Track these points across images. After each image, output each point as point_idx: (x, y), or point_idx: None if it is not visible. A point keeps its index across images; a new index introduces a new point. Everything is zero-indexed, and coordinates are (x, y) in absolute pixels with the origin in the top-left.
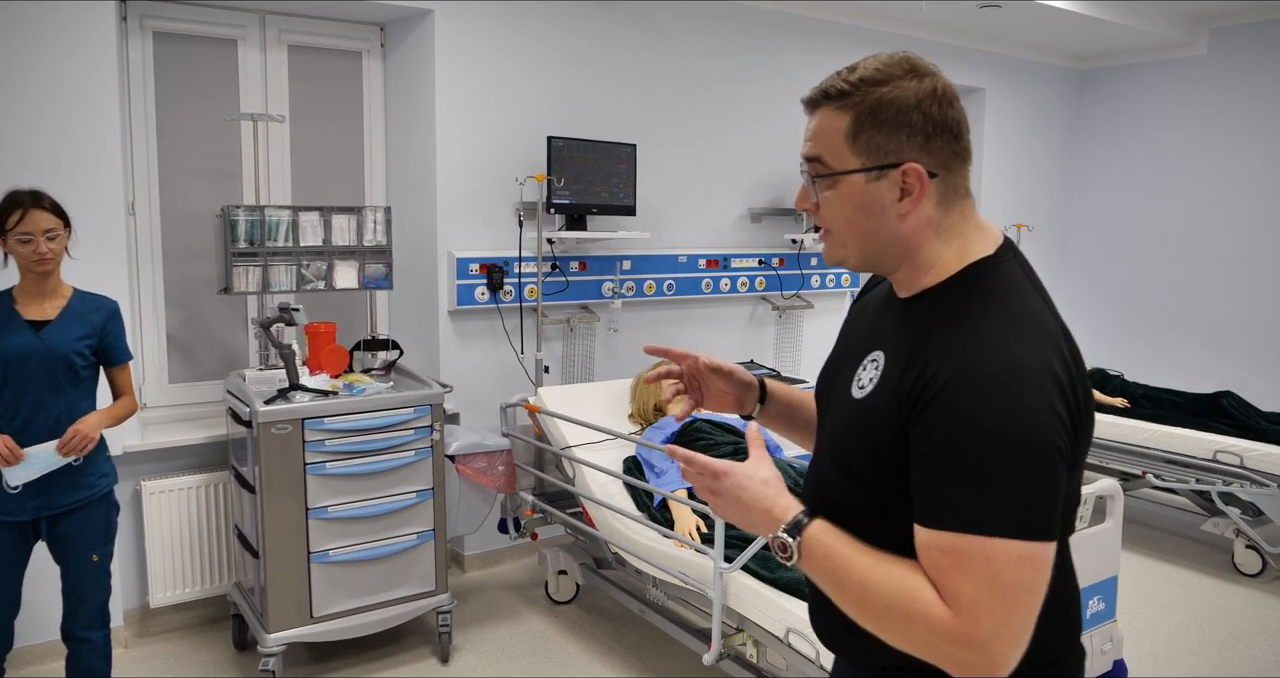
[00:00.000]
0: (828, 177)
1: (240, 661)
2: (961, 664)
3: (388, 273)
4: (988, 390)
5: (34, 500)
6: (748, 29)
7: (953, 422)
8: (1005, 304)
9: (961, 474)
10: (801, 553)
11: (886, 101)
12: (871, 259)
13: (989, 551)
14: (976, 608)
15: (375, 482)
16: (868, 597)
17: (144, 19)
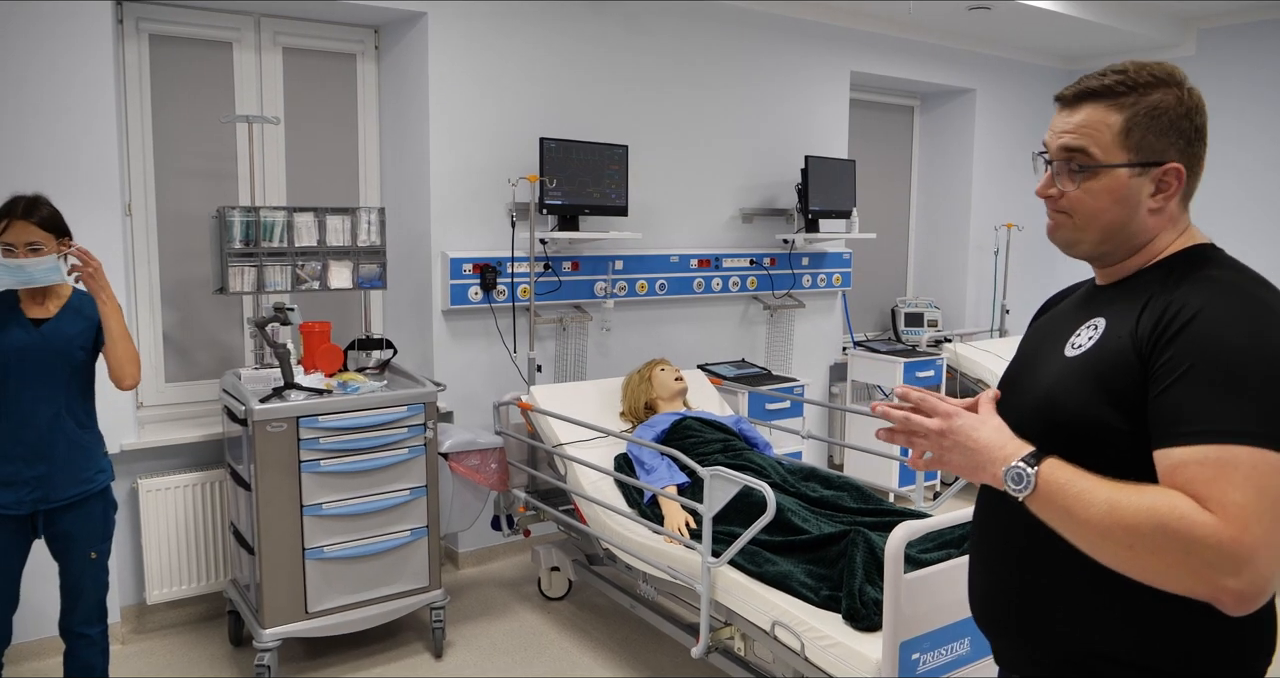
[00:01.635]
0: (1093, 168)
1: (236, 656)
2: (1223, 578)
3: (382, 273)
4: (1240, 317)
5: (32, 494)
6: (738, 30)
7: (1207, 343)
8: (1238, 269)
9: (1223, 390)
10: (1039, 484)
11: (1163, 107)
12: (1106, 248)
13: (1257, 460)
14: (1245, 513)
15: (369, 479)
16: (1118, 517)
17: (140, 21)
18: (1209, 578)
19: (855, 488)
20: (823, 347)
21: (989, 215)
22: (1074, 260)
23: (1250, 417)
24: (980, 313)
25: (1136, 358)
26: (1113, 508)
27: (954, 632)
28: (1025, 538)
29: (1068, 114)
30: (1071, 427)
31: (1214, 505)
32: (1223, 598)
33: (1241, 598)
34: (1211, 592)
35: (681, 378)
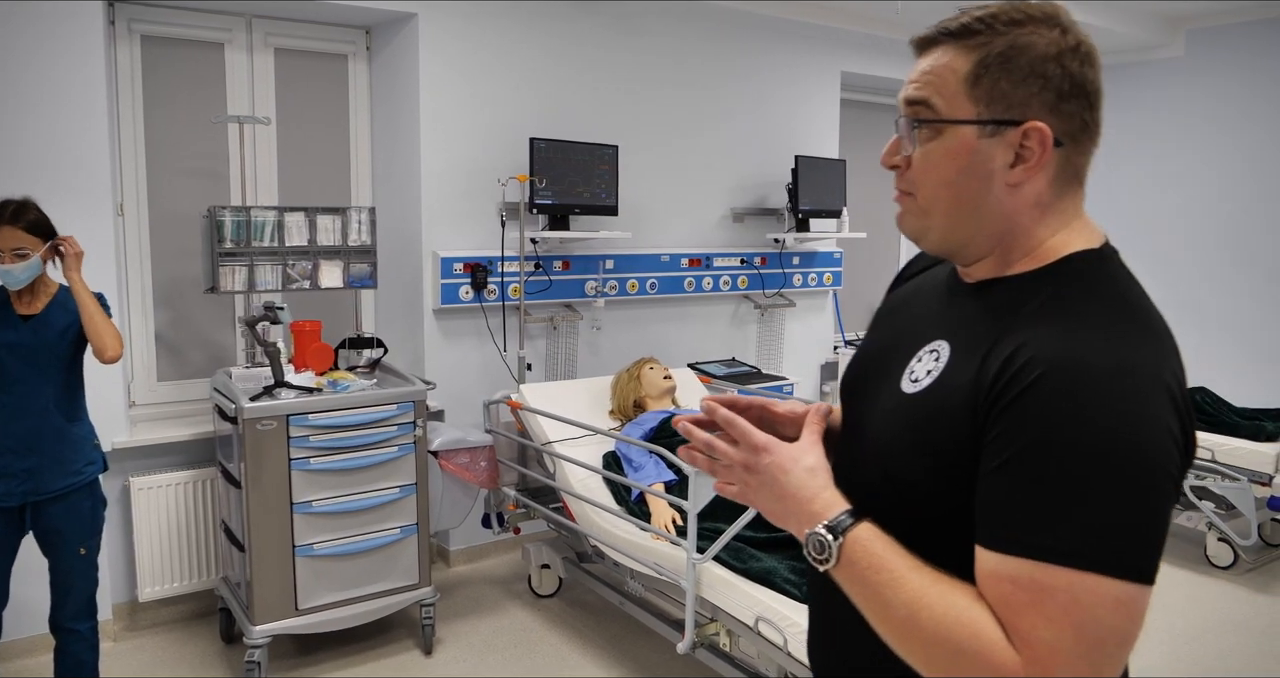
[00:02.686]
0: (934, 123)
1: (227, 653)
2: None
3: (372, 272)
4: (1096, 392)
5: (22, 486)
6: (729, 30)
7: (1048, 424)
8: (1117, 300)
9: (1053, 490)
10: (841, 557)
11: (1021, 46)
12: (957, 237)
13: (1078, 589)
14: (1054, 658)
15: (359, 477)
16: (916, 623)
17: (131, 22)
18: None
19: None
20: (814, 346)
21: None
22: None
23: (1083, 532)
24: None
25: (971, 415)
26: (913, 612)
27: None
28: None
29: (919, 61)
30: (899, 482)
31: (1019, 642)
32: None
33: None
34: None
35: (670, 376)
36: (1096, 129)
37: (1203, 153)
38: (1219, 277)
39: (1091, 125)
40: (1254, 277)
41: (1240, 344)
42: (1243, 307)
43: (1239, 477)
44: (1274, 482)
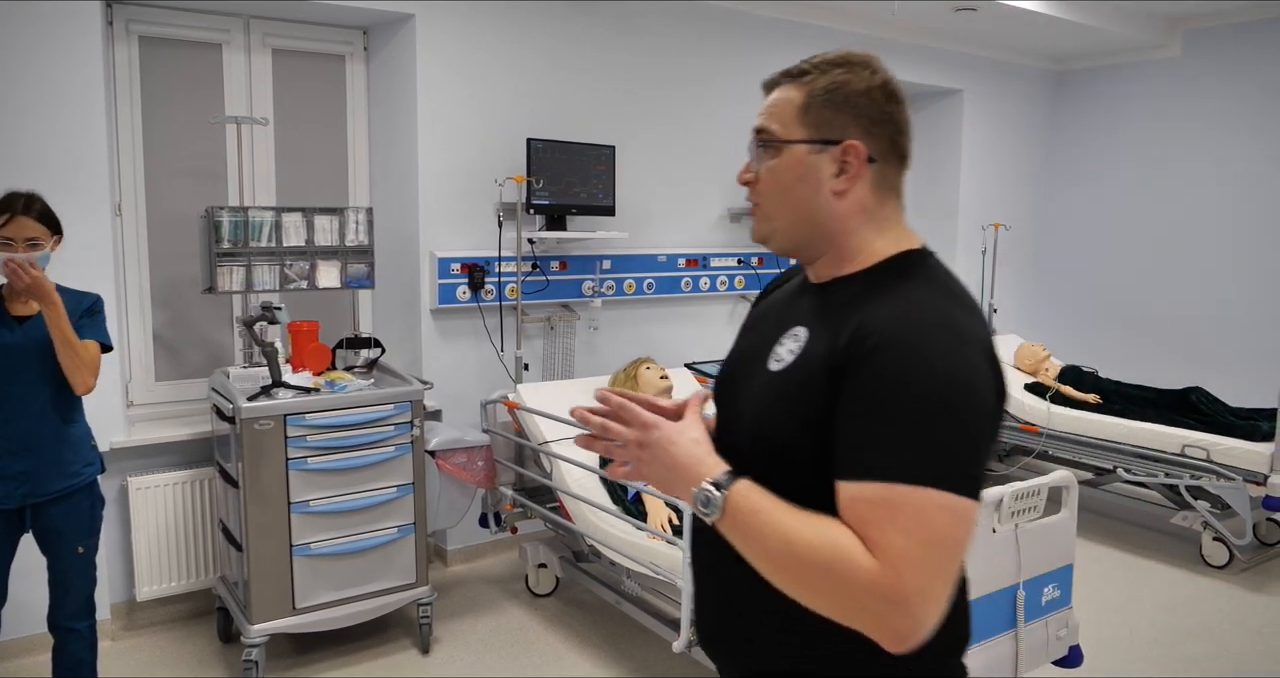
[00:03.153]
0: (775, 143)
1: (225, 653)
2: (882, 620)
3: (369, 272)
4: (925, 345)
5: (20, 488)
6: (724, 31)
7: (887, 375)
8: (940, 282)
9: (895, 425)
10: (726, 508)
11: (840, 82)
12: (798, 237)
13: (921, 501)
14: (904, 560)
15: (356, 476)
16: (792, 552)
17: (130, 23)
18: (867, 620)
19: None
20: None
21: (976, 215)
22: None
23: (922, 455)
24: None
25: (826, 381)
26: (789, 543)
27: None
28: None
29: (767, 99)
30: (772, 446)
31: (876, 550)
32: (881, 638)
33: (898, 639)
34: (872, 632)
35: (667, 376)
36: (905, 152)
37: (1200, 153)
38: (1214, 276)
39: (899, 148)
40: (1249, 276)
41: (1236, 344)
42: (1238, 306)
43: (1234, 476)
44: (1269, 481)
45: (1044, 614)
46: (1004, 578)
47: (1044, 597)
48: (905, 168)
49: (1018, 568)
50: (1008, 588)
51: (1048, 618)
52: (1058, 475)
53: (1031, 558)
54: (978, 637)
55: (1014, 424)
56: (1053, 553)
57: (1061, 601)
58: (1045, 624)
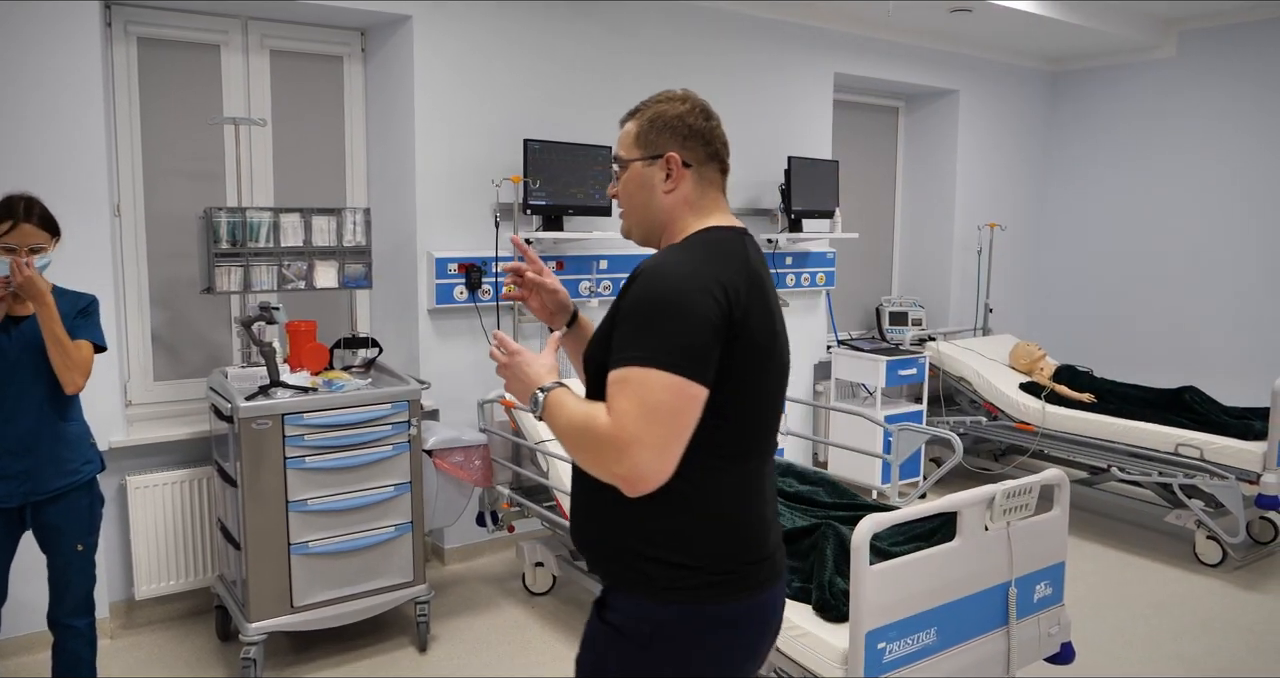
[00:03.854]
0: (623, 163)
1: (223, 651)
2: (612, 464)
3: (367, 273)
4: (656, 274)
5: (20, 487)
6: (722, 32)
7: (631, 296)
8: (706, 244)
9: (635, 329)
10: (543, 405)
11: (659, 112)
12: (645, 229)
13: (644, 377)
14: (625, 416)
15: (354, 475)
16: (570, 424)
17: (128, 24)
18: (605, 466)
19: (830, 483)
20: (807, 345)
21: (972, 215)
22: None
23: (648, 346)
24: (964, 312)
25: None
26: (568, 419)
27: (920, 622)
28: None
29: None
30: (592, 368)
31: (611, 412)
32: (616, 481)
33: (627, 481)
34: (610, 477)
35: None
36: (716, 157)
37: (1194, 153)
38: (1208, 276)
39: (711, 154)
40: (1242, 276)
41: (1229, 343)
42: (1232, 306)
43: (1227, 475)
44: (1262, 480)
45: (1036, 612)
46: (996, 575)
47: (1036, 594)
48: (724, 169)
49: (1010, 566)
50: (1000, 585)
51: (1040, 615)
52: (1049, 474)
53: (1023, 556)
54: (970, 634)
55: (1009, 424)
56: (1045, 551)
57: (1053, 598)
58: (1037, 621)
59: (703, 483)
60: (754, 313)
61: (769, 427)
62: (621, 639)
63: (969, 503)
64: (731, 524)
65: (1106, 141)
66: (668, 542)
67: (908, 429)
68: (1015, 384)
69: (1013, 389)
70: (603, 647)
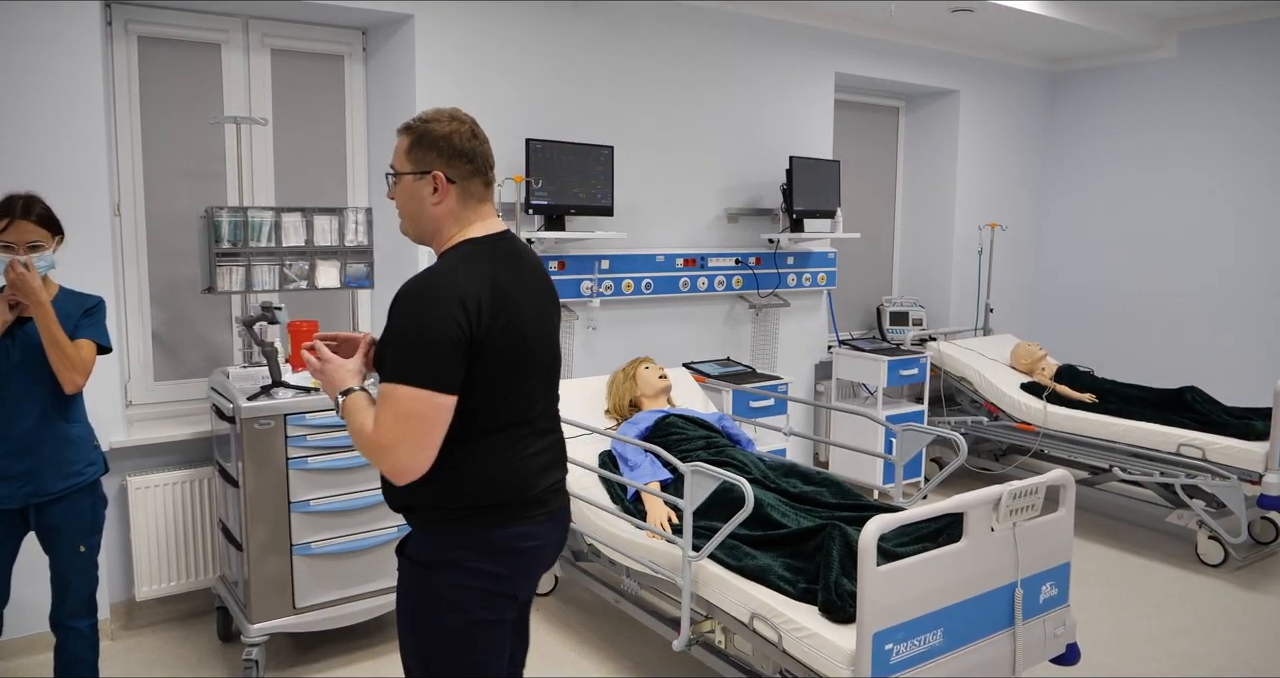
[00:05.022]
0: (395, 175)
1: (225, 652)
2: (378, 461)
3: (369, 272)
4: (412, 301)
5: (23, 488)
6: (723, 32)
7: (391, 322)
8: (458, 258)
9: (393, 350)
10: (341, 405)
11: (428, 131)
12: (417, 233)
13: (395, 391)
14: (383, 425)
15: (355, 476)
16: (353, 428)
17: (129, 23)
18: (375, 463)
19: (834, 484)
20: (808, 345)
21: (973, 215)
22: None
23: (397, 366)
24: (964, 312)
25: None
26: (354, 422)
27: (927, 623)
28: None
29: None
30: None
31: (375, 422)
32: (385, 473)
33: (392, 475)
34: (379, 467)
35: (666, 376)
36: (480, 173)
37: (1194, 154)
38: (1210, 276)
39: (475, 171)
40: (1245, 276)
41: (1231, 343)
42: (1233, 306)
43: (1229, 475)
44: (1264, 480)
45: (1041, 612)
46: (1002, 576)
47: (1042, 595)
48: (488, 182)
49: (1015, 566)
50: (1005, 586)
51: (1045, 616)
52: (1055, 475)
53: (1029, 556)
54: (976, 635)
55: (1010, 423)
56: (1050, 552)
57: (1059, 599)
58: (1043, 622)
59: (470, 450)
60: (499, 324)
61: (531, 407)
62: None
63: (975, 504)
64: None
65: (1107, 142)
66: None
67: (911, 430)
68: (1016, 384)
69: (1014, 389)
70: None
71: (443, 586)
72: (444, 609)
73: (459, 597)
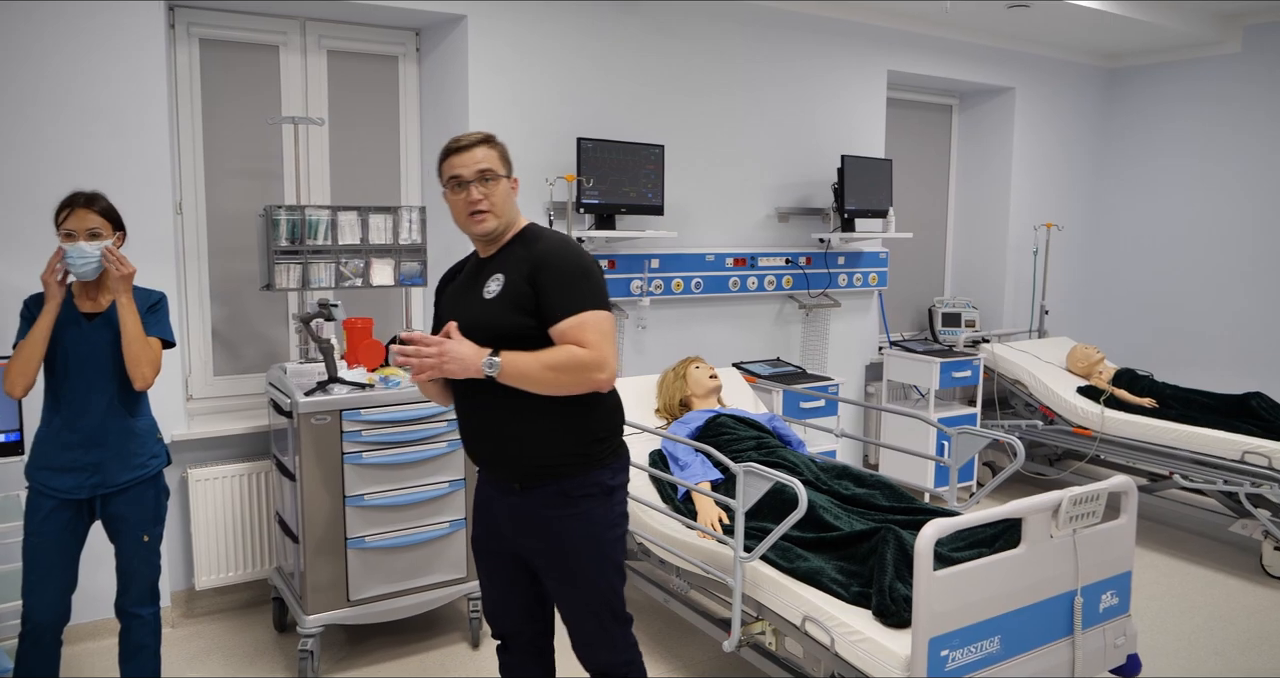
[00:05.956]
0: (497, 178)
1: (280, 642)
2: (598, 377)
3: (423, 270)
4: (567, 250)
5: (90, 479)
6: (774, 31)
7: (561, 267)
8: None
9: (576, 286)
10: (503, 366)
11: (502, 148)
12: (504, 225)
13: (595, 316)
14: (598, 346)
15: (409, 471)
16: (549, 366)
17: (191, 26)
18: (589, 377)
19: (888, 486)
20: (858, 346)
21: (1028, 215)
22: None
23: (591, 295)
24: (1019, 313)
25: (530, 287)
26: (540, 361)
27: (984, 630)
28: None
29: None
30: (506, 334)
31: (585, 343)
32: (597, 386)
33: (605, 383)
34: (591, 386)
35: (716, 376)
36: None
37: (1258, 151)
38: (1273, 277)
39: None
40: None
41: None
42: None
43: None
44: None
45: (1102, 621)
46: (1061, 584)
47: (1102, 604)
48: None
49: (1075, 574)
50: (1065, 594)
51: (1105, 626)
52: (1117, 481)
53: (1089, 564)
54: (1034, 643)
55: (1066, 428)
56: (1111, 559)
57: (1120, 608)
58: (1103, 631)
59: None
60: None
61: None
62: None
63: (1034, 509)
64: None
65: (1167, 140)
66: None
67: (967, 433)
68: (1072, 388)
69: (1070, 393)
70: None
71: (621, 503)
72: (620, 523)
73: (624, 512)
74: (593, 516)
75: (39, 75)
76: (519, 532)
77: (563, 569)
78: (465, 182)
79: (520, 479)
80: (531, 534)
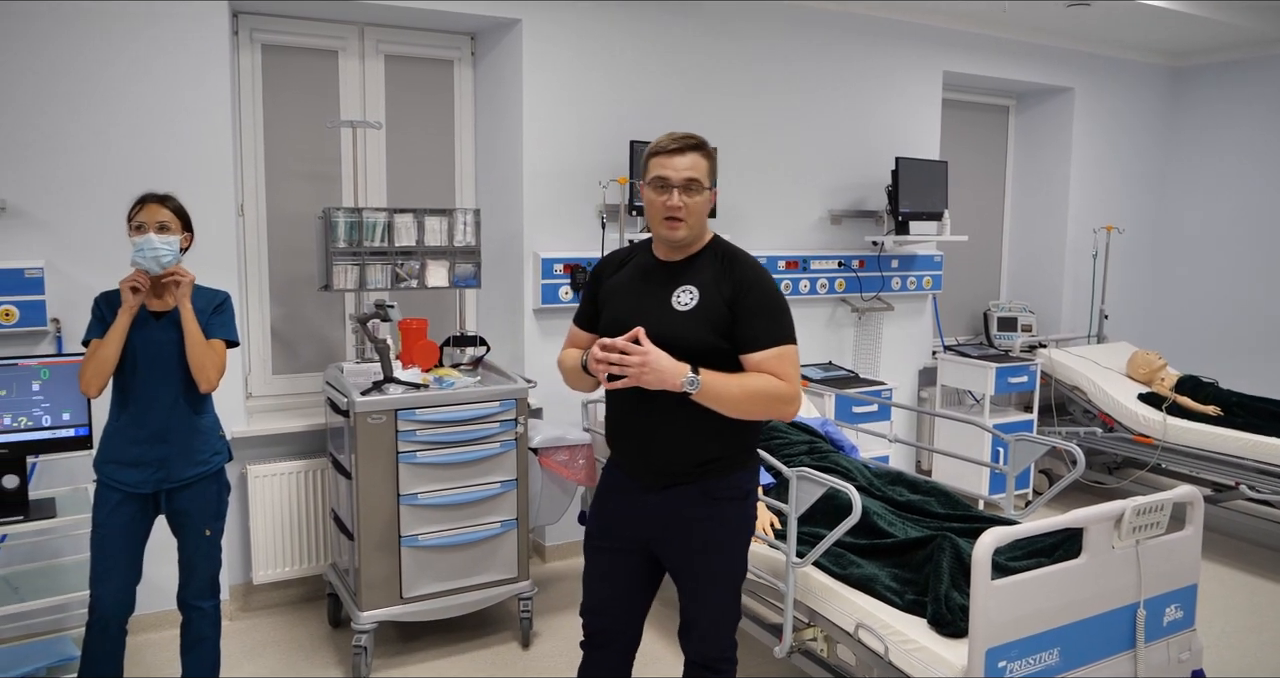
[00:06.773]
0: (701, 188)
1: (334, 637)
2: (789, 409)
3: (476, 272)
4: (766, 279)
5: (155, 475)
6: (828, 32)
7: (763, 297)
8: (741, 250)
9: (777, 318)
10: (702, 383)
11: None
12: (696, 235)
13: (792, 350)
14: (794, 378)
15: (462, 471)
16: (749, 392)
17: (254, 32)
18: (781, 410)
19: (942, 493)
20: (912, 350)
21: (1087, 217)
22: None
23: (788, 329)
24: (1077, 318)
25: (728, 310)
26: (742, 387)
27: (1043, 641)
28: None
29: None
30: (696, 350)
31: (783, 377)
32: (785, 417)
33: (794, 414)
34: (782, 416)
35: None
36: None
37: None
38: None
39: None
40: None
41: None
42: None
43: None
44: None
45: (1165, 635)
46: (1124, 596)
47: (1165, 617)
48: None
49: (1138, 586)
50: (1127, 606)
51: (1169, 640)
52: (1182, 491)
53: (1153, 576)
54: (1095, 656)
55: (1127, 436)
56: (1175, 572)
57: (1184, 622)
58: (1166, 646)
59: None
60: None
61: None
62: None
63: (1096, 519)
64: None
65: (1233, 141)
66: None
67: (1025, 440)
68: (1133, 395)
69: (1131, 400)
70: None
71: (754, 507)
72: (752, 527)
73: (755, 516)
74: (733, 517)
75: (106, 81)
76: (655, 530)
77: (700, 568)
78: (670, 185)
79: (667, 479)
80: (671, 533)
